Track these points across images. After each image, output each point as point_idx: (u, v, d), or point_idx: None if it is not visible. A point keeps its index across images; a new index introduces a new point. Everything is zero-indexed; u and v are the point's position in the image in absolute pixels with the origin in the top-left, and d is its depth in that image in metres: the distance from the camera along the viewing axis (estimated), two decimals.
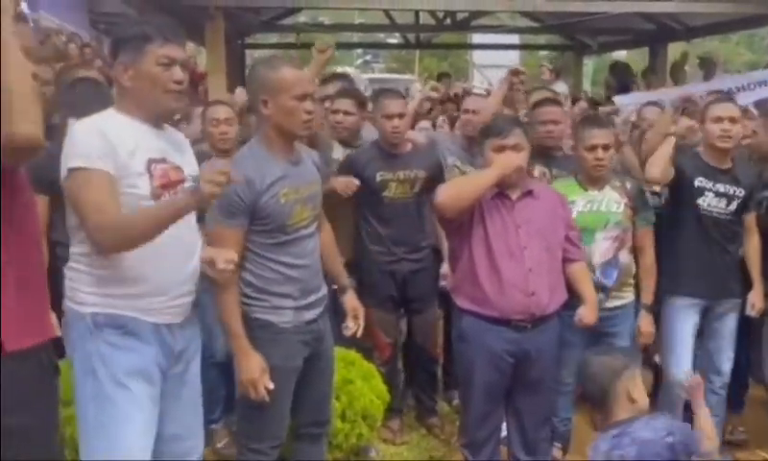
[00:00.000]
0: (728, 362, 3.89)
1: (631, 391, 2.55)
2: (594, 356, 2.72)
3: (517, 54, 19.23)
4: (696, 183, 3.73)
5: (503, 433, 3.44)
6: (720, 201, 3.74)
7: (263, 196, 2.74)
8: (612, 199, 3.62)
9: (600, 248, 3.57)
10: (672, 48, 10.96)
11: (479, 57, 20.69)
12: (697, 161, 3.78)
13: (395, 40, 18.87)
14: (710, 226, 3.77)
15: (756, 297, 3.84)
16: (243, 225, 2.76)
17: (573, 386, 3.70)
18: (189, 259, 2.50)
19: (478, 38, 17.04)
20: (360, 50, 29.32)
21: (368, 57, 32.91)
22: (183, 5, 7.20)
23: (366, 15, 19.12)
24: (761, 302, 3.85)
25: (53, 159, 2.37)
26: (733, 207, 3.77)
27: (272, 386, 2.76)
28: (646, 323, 3.69)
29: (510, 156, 3.14)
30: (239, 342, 2.77)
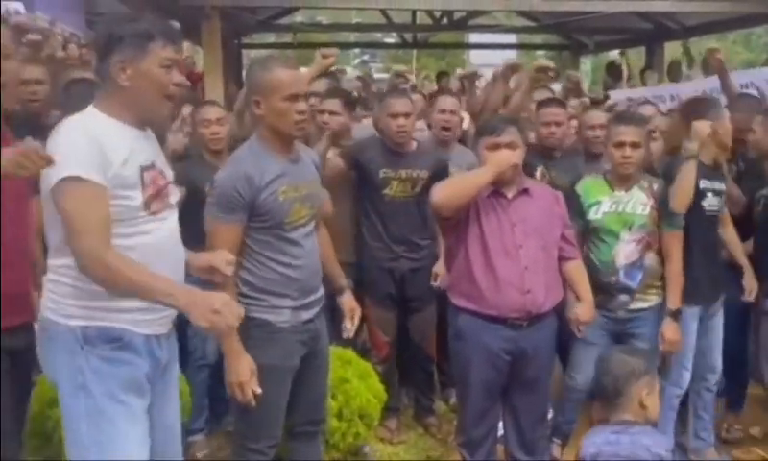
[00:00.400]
0: (720, 357, 3.88)
1: (644, 397, 2.50)
2: (617, 353, 2.66)
3: (514, 53, 19.22)
4: (701, 186, 3.67)
5: (500, 432, 3.44)
6: (716, 199, 3.72)
7: (262, 192, 2.74)
8: (639, 200, 3.55)
9: (625, 250, 3.52)
10: (669, 47, 10.97)
11: (476, 56, 20.70)
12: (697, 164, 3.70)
13: (392, 40, 18.86)
14: (710, 226, 3.74)
15: (750, 281, 3.84)
16: (241, 221, 2.75)
17: (585, 394, 3.70)
18: (177, 271, 2.42)
19: (475, 38, 17.04)
20: (357, 50, 29.34)
21: (365, 56, 32.93)
22: (180, 5, 7.19)
23: (363, 15, 19.14)
24: (755, 283, 3.85)
25: None
26: (722, 204, 3.77)
27: (259, 390, 2.72)
28: (671, 330, 3.54)
29: (504, 153, 3.12)
30: (230, 342, 2.73)
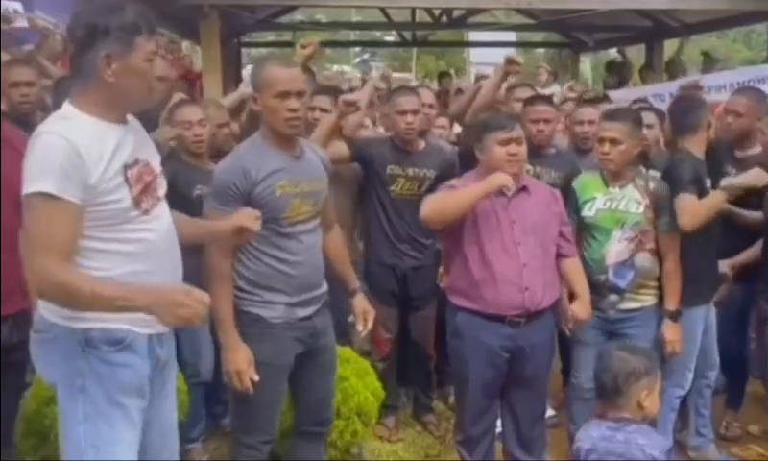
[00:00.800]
0: (717, 353, 3.87)
1: (643, 399, 2.47)
2: (618, 351, 2.59)
3: (514, 52, 19.20)
4: (706, 187, 3.58)
5: (498, 430, 3.44)
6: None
7: (258, 186, 2.75)
8: (633, 198, 3.48)
9: (615, 248, 3.45)
10: (668, 45, 10.95)
11: (476, 54, 20.63)
12: (700, 165, 3.59)
13: (392, 38, 18.85)
14: (711, 225, 3.57)
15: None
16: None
17: (593, 392, 3.64)
18: (177, 269, 2.40)
19: (475, 36, 17.00)
20: (358, 48, 29.30)
21: (365, 55, 32.89)
22: (178, 3, 7.17)
23: (363, 13, 19.13)
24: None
25: None
26: None
27: (257, 378, 2.76)
28: (671, 331, 3.46)
29: (500, 175, 3.08)
30: (228, 334, 2.78)
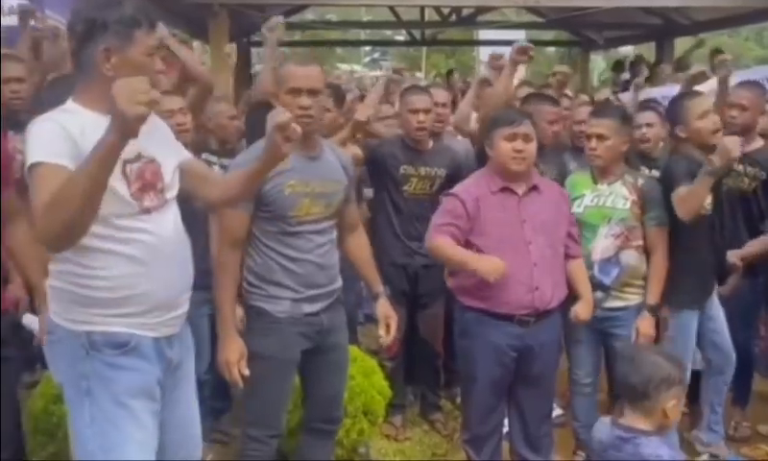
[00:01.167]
0: (731, 345, 3.80)
1: (669, 408, 2.40)
2: (653, 354, 2.51)
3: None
4: None
5: (505, 429, 3.43)
6: (709, 196, 3.51)
7: (267, 184, 2.77)
8: (620, 195, 3.47)
9: (601, 244, 3.44)
10: (679, 43, 10.90)
11: (486, 53, 20.59)
12: (695, 166, 3.47)
13: (401, 37, 18.83)
14: (705, 226, 3.55)
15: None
16: (247, 209, 2.79)
17: (593, 387, 3.65)
18: (185, 269, 2.39)
19: (484, 35, 16.97)
20: (368, 48, 29.29)
21: (375, 54, 32.88)
22: (188, 2, 7.20)
23: (373, 12, 19.13)
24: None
25: None
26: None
27: (247, 372, 2.79)
28: (646, 324, 3.42)
29: (500, 265, 3.01)
30: (226, 325, 2.81)
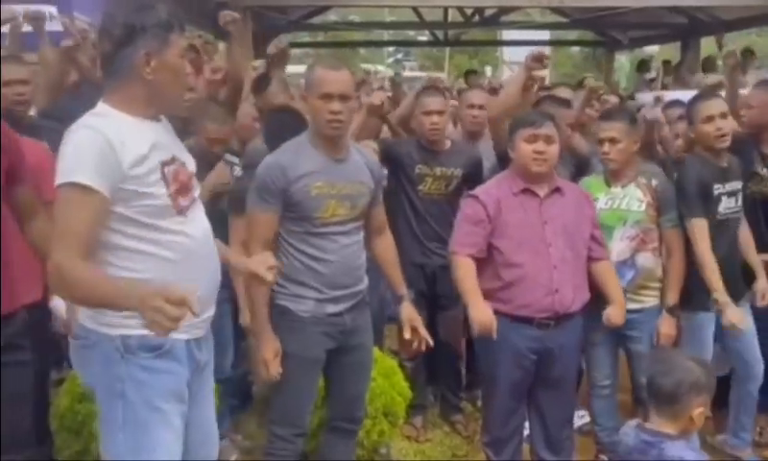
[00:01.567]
0: (759, 361, 3.73)
1: (696, 415, 2.38)
2: (684, 358, 2.48)
3: (547, 50, 19.04)
4: (715, 192, 3.51)
5: (526, 431, 3.42)
6: (730, 200, 3.55)
7: (293, 184, 2.80)
8: (635, 197, 3.48)
9: (617, 247, 3.44)
10: (705, 42, 10.78)
11: (510, 53, 20.52)
12: (709, 168, 3.51)
13: (425, 38, 18.83)
14: (727, 230, 3.56)
15: (763, 285, 3.66)
16: (276, 210, 2.83)
17: (612, 389, 3.63)
18: (214, 272, 2.42)
19: (508, 35, 16.94)
20: (391, 48, 29.33)
21: (399, 55, 32.92)
22: (212, 4, 7.27)
23: (396, 13, 19.15)
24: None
25: None
26: (739, 203, 3.62)
27: (281, 370, 2.85)
28: (668, 325, 3.44)
29: (490, 320, 2.99)
30: (262, 324, 2.88)
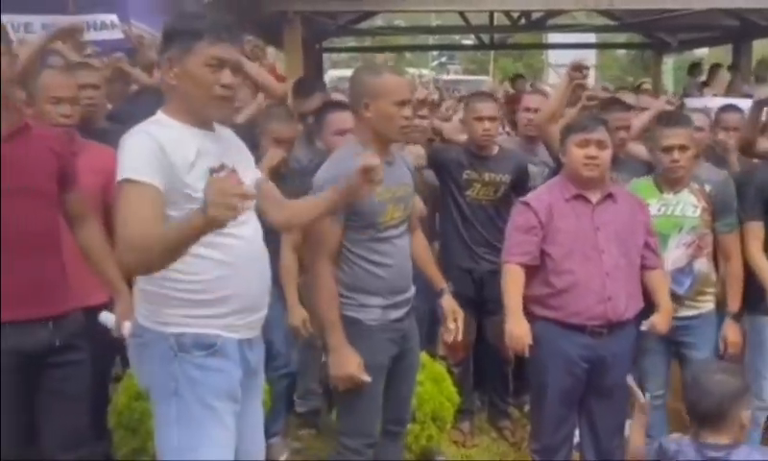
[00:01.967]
0: None
1: (744, 418, 2.40)
2: (714, 374, 2.49)
3: (593, 53, 18.82)
4: None
5: (576, 439, 3.40)
6: None
7: None
8: (689, 202, 3.43)
9: (673, 255, 3.40)
10: (757, 45, 10.54)
11: (555, 56, 20.34)
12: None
13: (470, 41, 18.79)
14: None
15: None
16: (341, 222, 2.82)
17: (664, 400, 3.60)
18: (265, 273, 2.45)
19: (554, 38, 16.80)
20: (436, 52, 29.32)
21: (443, 58, 32.89)
22: (263, 11, 7.38)
23: (441, 17, 19.12)
24: None
25: None
26: None
27: (369, 379, 2.81)
28: (733, 332, 3.44)
29: (523, 333, 3.05)
30: (337, 337, 2.82)
